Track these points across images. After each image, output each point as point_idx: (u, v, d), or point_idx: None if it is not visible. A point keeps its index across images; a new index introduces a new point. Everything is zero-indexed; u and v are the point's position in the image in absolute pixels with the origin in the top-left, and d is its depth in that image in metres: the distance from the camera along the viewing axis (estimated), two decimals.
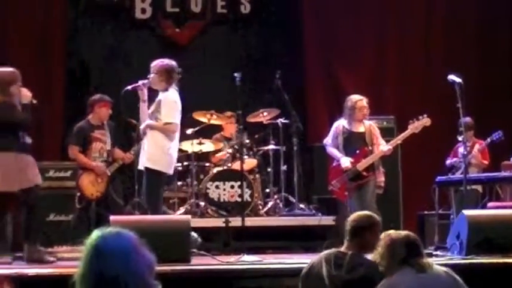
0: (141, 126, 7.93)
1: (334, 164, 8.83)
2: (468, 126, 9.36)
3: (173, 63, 7.86)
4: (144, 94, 7.82)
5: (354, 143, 8.67)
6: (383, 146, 8.67)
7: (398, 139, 8.80)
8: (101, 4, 11.23)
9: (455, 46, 11.79)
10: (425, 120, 8.64)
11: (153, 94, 7.95)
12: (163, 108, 7.70)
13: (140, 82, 7.83)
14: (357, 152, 8.63)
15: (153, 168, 7.71)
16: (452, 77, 8.22)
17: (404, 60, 11.87)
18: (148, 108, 7.86)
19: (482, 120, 10.21)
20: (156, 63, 7.86)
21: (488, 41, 11.88)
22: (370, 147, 8.64)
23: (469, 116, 9.33)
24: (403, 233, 4.44)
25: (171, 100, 7.73)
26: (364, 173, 8.58)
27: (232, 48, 11.62)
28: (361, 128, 8.71)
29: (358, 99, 8.70)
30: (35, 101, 7.57)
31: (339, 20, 11.75)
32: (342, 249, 4.75)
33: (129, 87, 7.86)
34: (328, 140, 8.82)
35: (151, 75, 7.82)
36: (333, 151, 8.77)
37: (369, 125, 8.76)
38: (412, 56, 11.87)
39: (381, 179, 8.69)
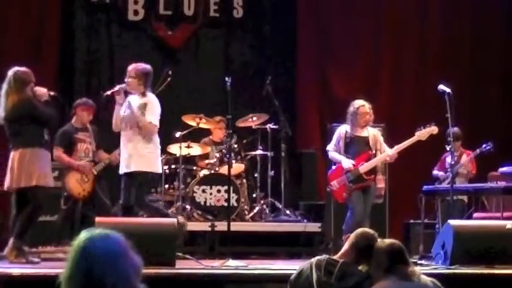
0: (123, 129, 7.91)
1: (334, 166, 8.76)
2: (456, 136, 9.38)
3: (149, 67, 7.93)
4: (121, 98, 7.91)
5: (356, 147, 8.60)
6: (388, 150, 8.63)
7: (404, 145, 8.63)
8: (93, 5, 11.21)
9: (448, 56, 11.84)
10: (432, 128, 8.57)
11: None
12: (149, 110, 7.74)
13: (118, 87, 7.92)
14: (359, 155, 8.58)
15: (145, 170, 7.78)
16: (442, 87, 8.25)
17: (396, 69, 11.90)
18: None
19: (471, 131, 10.25)
20: (134, 67, 7.90)
21: (480, 53, 11.92)
22: (373, 151, 8.62)
23: (458, 127, 9.36)
24: (387, 241, 4.42)
25: (156, 104, 7.83)
26: (365, 176, 8.55)
27: (224, 52, 11.62)
28: (364, 133, 8.64)
29: (360, 105, 8.62)
30: (52, 93, 7.64)
31: (333, 26, 11.77)
32: (336, 256, 4.74)
33: (108, 92, 7.99)
34: (331, 146, 8.74)
35: (129, 79, 7.85)
36: (334, 155, 8.67)
37: (373, 132, 8.71)
38: (405, 65, 11.91)
39: (381, 185, 8.67)
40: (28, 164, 7.40)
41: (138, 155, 7.77)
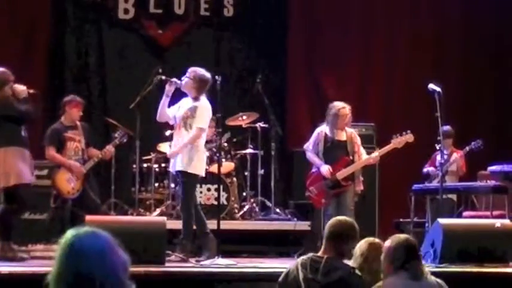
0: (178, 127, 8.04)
1: (313, 170, 8.76)
2: (447, 135, 9.40)
3: (209, 75, 8.06)
4: (170, 90, 8.05)
5: (334, 151, 8.59)
6: (370, 155, 8.60)
7: (380, 152, 8.67)
8: (84, 4, 11.19)
9: (439, 55, 11.86)
10: (408, 137, 8.56)
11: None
12: (199, 115, 7.91)
13: (174, 79, 8.04)
14: (337, 160, 8.57)
15: (190, 172, 7.90)
16: (432, 86, 8.29)
17: (387, 67, 11.90)
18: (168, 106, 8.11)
19: (462, 130, 10.27)
20: (195, 69, 8.06)
21: (471, 52, 11.94)
22: (351, 157, 8.58)
23: (448, 125, 9.38)
24: (403, 236, 4.49)
25: (206, 109, 7.98)
26: (343, 183, 8.54)
27: (215, 51, 11.60)
28: (343, 136, 8.61)
29: (341, 107, 8.59)
30: (31, 90, 7.64)
31: (324, 25, 11.76)
32: (319, 253, 4.77)
33: (163, 77, 8.20)
34: (309, 146, 8.73)
35: (186, 79, 7.96)
36: (313, 158, 8.68)
37: (350, 133, 8.66)
38: (396, 65, 11.92)
39: (360, 187, 8.65)
40: (4, 164, 7.43)
41: (185, 156, 7.90)
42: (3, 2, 10.86)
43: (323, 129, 8.69)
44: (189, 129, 7.93)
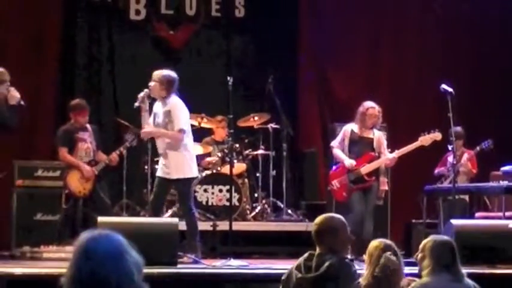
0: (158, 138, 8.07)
1: (336, 166, 8.82)
2: (458, 136, 9.38)
3: (175, 74, 8.01)
4: (146, 105, 8.01)
5: (360, 147, 8.68)
6: (388, 154, 8.69)
7: (405, 150, 8.72)
8: (95, 5, 11.21)
9: (449, 55, 11.82)
10: (436, 135, 8.64)
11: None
12: (174, 117, 7.86)
13: (140, 95, 7.97)
14: (362, 156, 8.64)
15: (184, 177, 7.88)
16: (444, 87, 8.28)
17: (397, 67, 11.88)
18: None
19: (472, 131, 10.24)
20: (159, 72, 8.00)
21: (480, 51, 11.91)
22: (376, 154, 8.67)
23: (459, 126, 9.37)
24: (445, 237, 4.50)
25: (180, 107, 7.94)
26: (366, 177, 8.59)
27: (226, 52, 11.61)
28: (370, 135, 8.73)
29: (370, 107, 8.72)
30: (23, 103, 7.58)
31: (333, 26, 11.75)
32: (315, 252, 4.74)
33: (136, 104, 8.01)
34: (335, 143, 8.83)
35: (152, 84, 7.92)
36: (338, 153, 8.76)
37: (378, 134, 8.79)
38: (405, 65, 11.89)
39: (384, 187, 8.72)
40: None
41: (174, 163, 7.87)
42: (14, 2, 10.89)
43: (350, 126, 8.79)
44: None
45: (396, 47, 11.91)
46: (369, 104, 8.75)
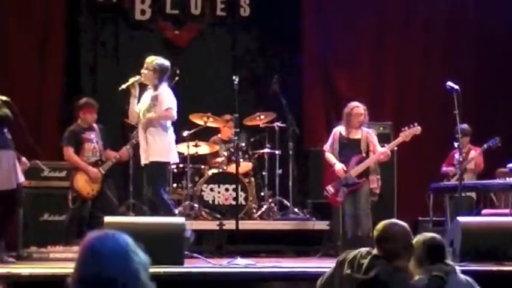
0: (141, 121, 8.02)
1: (330, 170, 8.88)
2: (465, 133, 9.37)
3: (168, 62, 8.06)
4: (136, 91, 8.05)
5: (349, 150, 8.78)
6: (381, 148, 8.74)
7: (389, 147, 8.91)
8: (100, 5, 11.22)
9: (454, 52, 11.82)
10: (415, 129, 8.73)
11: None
12: (161, 101, 7.87)
13: (132, 80, 8.03)
14: (351, 158, 8.72)
15: (161, 160, 7.90)
16: (450, 84, 8.27)
17: (402, 65, 11.88)
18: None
19: (478, 128, 10.23)
20: (152, 59, 8.04)
21: (485, 49, 11.90)
22: (364, 154, 8.72)
23: (466, 123, 9.36)
24: (428, 234, 4.52)
25: (167, 93, 7.94)
26: (357, 179, 8.65)
27: (231, 51, 11.62)
28: (357, 135, 8.81)
29: (354, 106, 8.80)
30: (4, 98, 7.66)
31: (337, 25, 11.75)
32: (374, 251, 4.66)
33: (123, 86, 8.06)
34: (326, 146, 8.94)
35: (145, 71, 7.93)
36: (329, 157, 8.88)
37: (365, 133, 8.84)
38: (410, 62, 11.89)
39: (374, 185, 8.71)
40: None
41: (154, 146, 7.88)
42: (18, 3, 10.90)
43: (339, 129, 8.90)
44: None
45: (400, 45, 11.90)
46: (353, 103, 8.85)
